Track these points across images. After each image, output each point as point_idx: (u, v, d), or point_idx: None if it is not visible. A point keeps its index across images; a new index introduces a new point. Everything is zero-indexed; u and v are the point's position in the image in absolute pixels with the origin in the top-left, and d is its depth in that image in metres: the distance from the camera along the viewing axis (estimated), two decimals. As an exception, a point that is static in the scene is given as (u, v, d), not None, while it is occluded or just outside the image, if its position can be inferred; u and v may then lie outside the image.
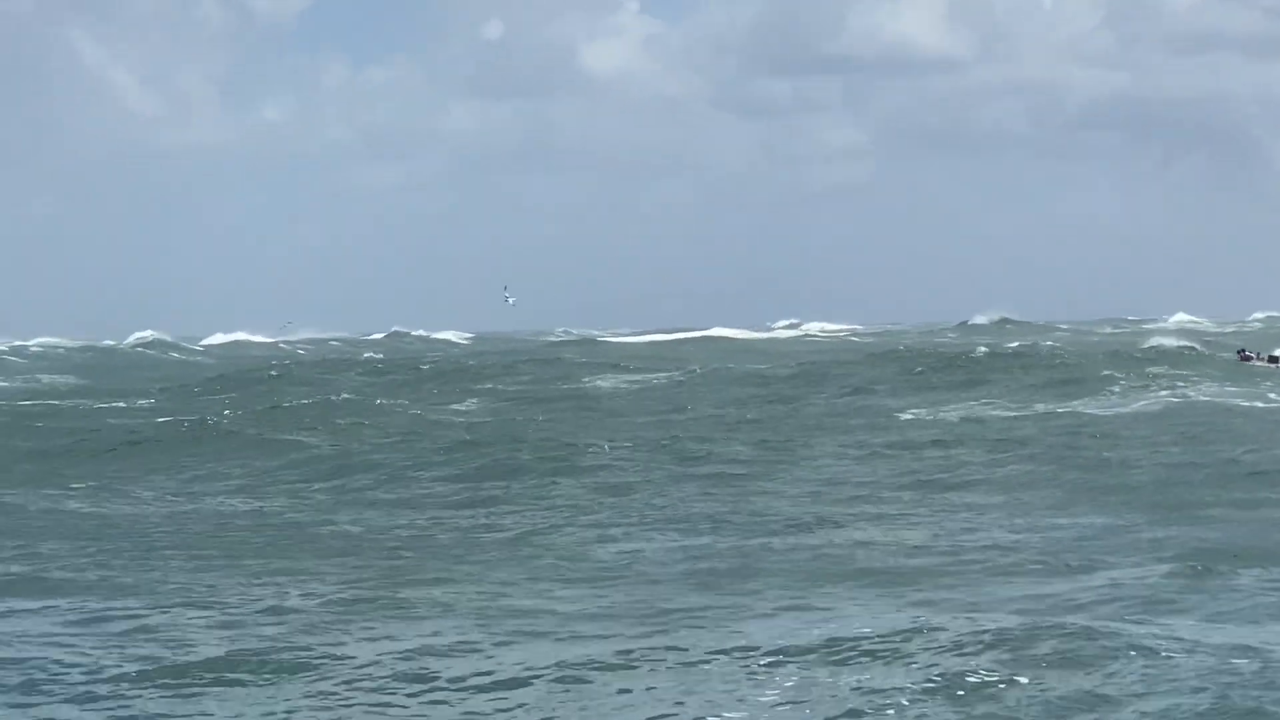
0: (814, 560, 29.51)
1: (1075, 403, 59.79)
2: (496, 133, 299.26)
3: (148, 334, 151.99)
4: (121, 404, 69.70)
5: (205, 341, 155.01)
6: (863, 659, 20.10)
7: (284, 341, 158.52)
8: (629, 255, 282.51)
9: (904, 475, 41.84)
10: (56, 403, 71.72)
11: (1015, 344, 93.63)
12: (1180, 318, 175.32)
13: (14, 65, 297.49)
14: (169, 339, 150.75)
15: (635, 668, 20.15)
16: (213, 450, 48.79)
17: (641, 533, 33.23)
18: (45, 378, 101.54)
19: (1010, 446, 46.81)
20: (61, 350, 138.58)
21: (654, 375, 79.40)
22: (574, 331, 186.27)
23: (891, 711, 18.01)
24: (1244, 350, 74.46)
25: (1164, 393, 61.60)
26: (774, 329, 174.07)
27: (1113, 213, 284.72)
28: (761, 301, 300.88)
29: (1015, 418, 55.87)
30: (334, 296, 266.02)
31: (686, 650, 20.86)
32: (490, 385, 76.36)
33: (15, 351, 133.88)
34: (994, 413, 58.14)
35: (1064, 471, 41.52)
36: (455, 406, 66.30)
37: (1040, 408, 58.72)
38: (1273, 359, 69.83)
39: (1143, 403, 58.87)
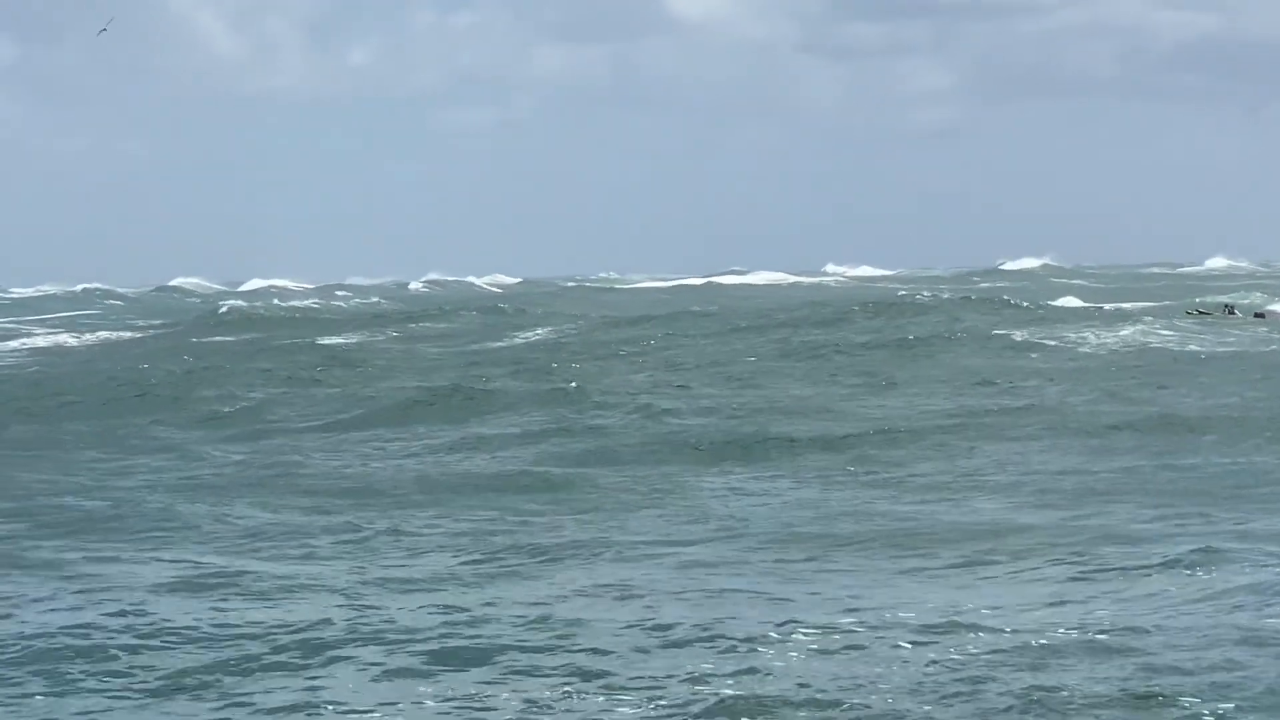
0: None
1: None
2: (584, 76, 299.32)
3: (182, 280, 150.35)
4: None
5: (244, 287, 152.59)
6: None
7: (338, 287, 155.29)
8: (710, 198, 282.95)
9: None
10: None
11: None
12: (1217, 261, 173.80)
13: (103, 9, 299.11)
14: (208, 284, 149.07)
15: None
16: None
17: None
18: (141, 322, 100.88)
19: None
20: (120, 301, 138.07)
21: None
22: (622, 276, 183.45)
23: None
24: (1229, 305, 73.40)
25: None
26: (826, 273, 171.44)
27: (1200, 156, 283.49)
28: (840, 244, 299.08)
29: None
30: (417, 241, 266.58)
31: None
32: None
33: (85, 298, 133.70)
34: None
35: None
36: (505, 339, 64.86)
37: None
38: (1258, 314, 68.86)
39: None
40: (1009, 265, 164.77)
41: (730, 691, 16.33)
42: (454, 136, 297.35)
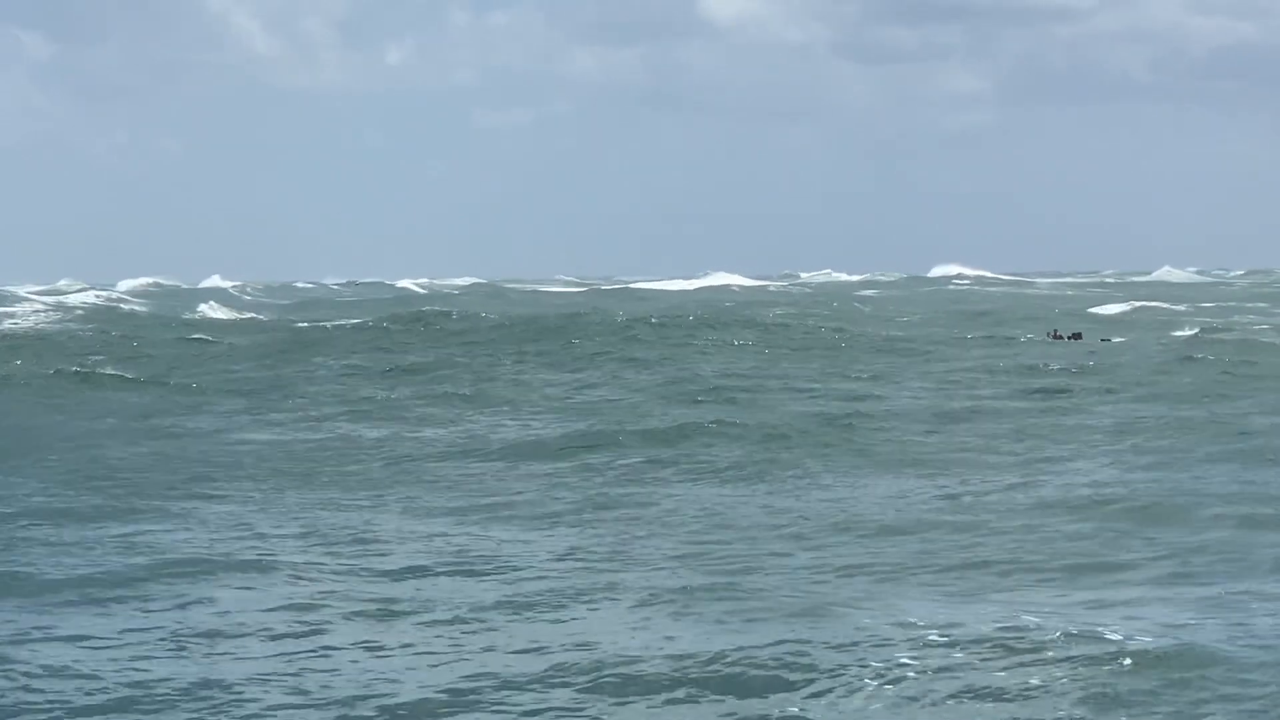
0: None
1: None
2: (618, 78, 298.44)
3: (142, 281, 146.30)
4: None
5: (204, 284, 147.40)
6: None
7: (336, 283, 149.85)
8: (743, 200, 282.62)
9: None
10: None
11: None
12: (1165, 270, 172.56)
13: (141, 9, 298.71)
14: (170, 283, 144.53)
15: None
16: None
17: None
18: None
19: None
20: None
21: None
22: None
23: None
24: (1055, 330, 72.32)
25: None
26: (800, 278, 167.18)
27: (1234, 162, 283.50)
28: (862, 247, 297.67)
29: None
30: (451, 240, 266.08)
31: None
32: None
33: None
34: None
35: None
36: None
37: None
38: (1074, 336, 68.32)
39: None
40: (939, 271, 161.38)
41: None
42: (488, 136, 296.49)
